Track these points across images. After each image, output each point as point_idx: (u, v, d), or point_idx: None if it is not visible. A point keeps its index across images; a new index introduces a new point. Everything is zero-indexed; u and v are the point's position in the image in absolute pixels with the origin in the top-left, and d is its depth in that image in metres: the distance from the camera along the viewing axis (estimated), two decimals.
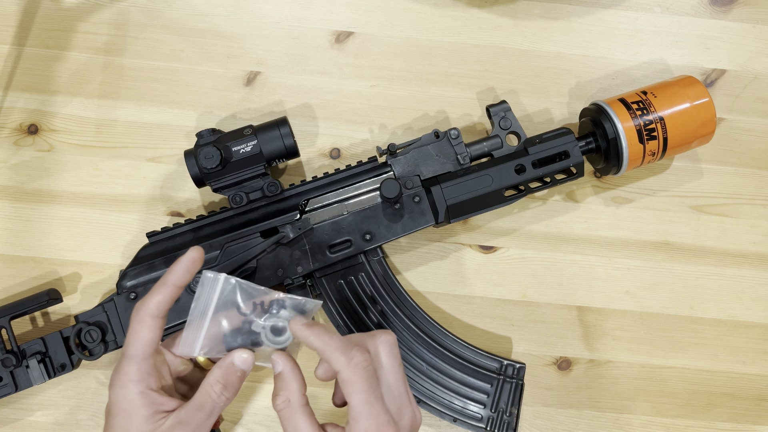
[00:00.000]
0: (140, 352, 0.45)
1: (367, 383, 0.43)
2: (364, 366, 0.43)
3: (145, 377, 0.45)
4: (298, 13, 0.68)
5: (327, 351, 0.44)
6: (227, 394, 0.45)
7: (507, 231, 0.66)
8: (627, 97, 0.60)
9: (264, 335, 0.46)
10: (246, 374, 0.46)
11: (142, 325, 0.45)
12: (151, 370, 0.45)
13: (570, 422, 0.64)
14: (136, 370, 0.44)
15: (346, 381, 0.43)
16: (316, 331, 0.44)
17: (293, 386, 0.45)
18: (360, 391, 0.42)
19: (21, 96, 0.66)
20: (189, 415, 0.44)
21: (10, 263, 0.64)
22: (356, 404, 0.42)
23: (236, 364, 0.45)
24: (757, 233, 0.67)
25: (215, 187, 0.58)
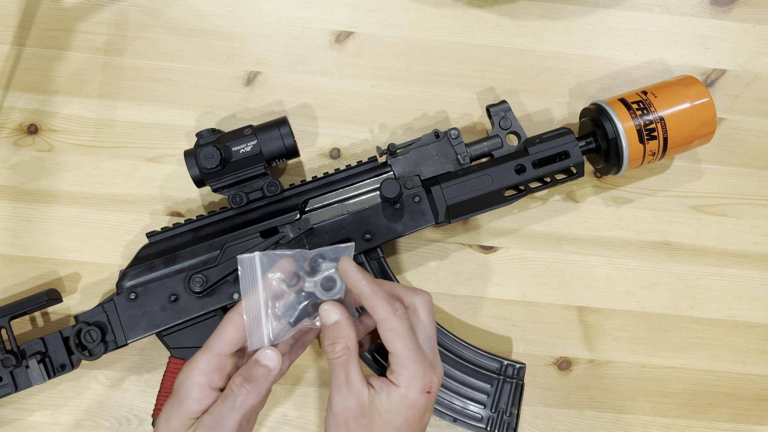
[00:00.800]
0: (216, 346, 0.46)
1: (411, 332, 0.46)
2: (404, 316, 0.46)
3: (212, 372, 0.45)
4: (298, 13, 0.68)
5: (374, 298, 0.45)
6: (248, 387, 0.45)
7: (507, 231, 0.66)
8: (627, 97, 0.60)
9: (318, 292, 0.46)
10: (272, 372, 0.46)
11: (230, 322, 0.46)
12: (220, 367, 0.46)
13: (570, 422, 0.64)
14: (206, 360, 0.45)
15: (391, 329, 0.45)
16: (367, 276, 0.46)
17: (351, 334, 0.46)
18: (405, 338, 0.45)
19: (21, 96, 0.66)
20: (215, 408, 0.45)
21: (10, 263, 0.64)
22: (402, 351, 0.45)
23: (259, 359, 0.46)
24: (757, 233, 0.66)
25: (215, 187, 0.58)
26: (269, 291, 0.46)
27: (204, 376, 0.45)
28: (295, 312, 0.46)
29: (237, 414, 0.44)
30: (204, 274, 0.56)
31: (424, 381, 0.45)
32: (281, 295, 0.46)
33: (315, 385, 0.63)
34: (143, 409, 0.63)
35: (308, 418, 0.63)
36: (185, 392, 0.45)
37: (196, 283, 0.56)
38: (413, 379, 0.45)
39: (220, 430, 0.44)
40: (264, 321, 0.46)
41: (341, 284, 0.47)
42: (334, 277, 0.47)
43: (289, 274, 0.47)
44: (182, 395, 0.45)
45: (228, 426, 0.44)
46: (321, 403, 0.63)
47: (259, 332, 0.46)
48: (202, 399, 0.45)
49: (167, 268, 0.57)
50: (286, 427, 0.63)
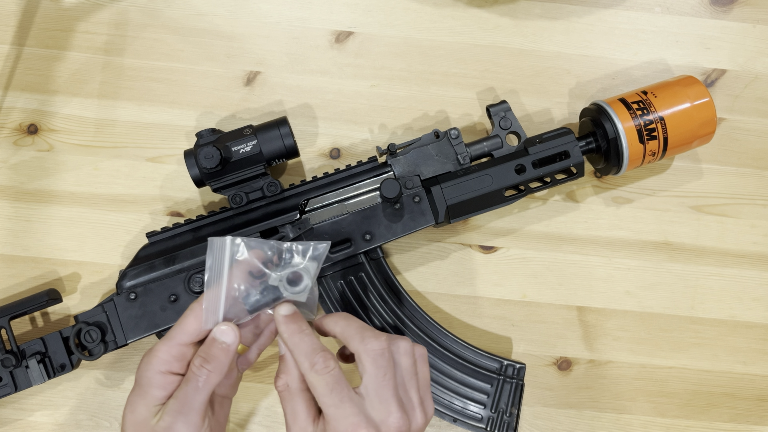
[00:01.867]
0: (176, 337, 0.46)
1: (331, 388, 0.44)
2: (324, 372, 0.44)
3: (172, 360, 0.45)
4: (298, 13, 0.68)
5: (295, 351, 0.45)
6: (208, 366, 0.45)
7: (507, 231, 0.66)
8: (627, 97, 0.60)
9: (282, 287, 0.46)
10: (230, 347, 0.45)
11: (191, 312, 0.46)
12: (181, 356, 0.46)
13: (570, 422, 0.64)
14: (166, 349, 0.45)
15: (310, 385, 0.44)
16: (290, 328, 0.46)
17: (294, 371, 0.46)
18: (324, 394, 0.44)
19: (21, 96, 0.66)
20: (179, 391, 0.45)
21: (10, 263, 0.64)
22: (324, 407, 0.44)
23: (215, 336, 0.45)
24: (757, 233, 0.66)
25: (215, 187, 0.58)
26: (234, 276, 0.46)
27: (165, 365, 0.45)
28: (255, 300, 0.46)
29: (202, 394, 0.44)
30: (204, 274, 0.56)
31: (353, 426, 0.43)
32: (245, 281, 0.46)
33: None
34: None
35: None
36: (148, 381, 0.45)
37: (196, 283, 0.56)
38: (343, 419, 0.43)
39: (186, 412, 0.44)
40: (222, 303, 0.46)
41: (307, 283, 0.46)
42: (302, 274, 0.46)
43: (257, 263, 0.46)
44: (145, 384, 0.45)
45: (194, 407, 0.44)
46: None
47: (216, 313, 0.46)
48: (166, 385, 0.45)
49: (167, 268, 0.57)
50: None
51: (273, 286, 0.46)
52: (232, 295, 0.46)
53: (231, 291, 0.46)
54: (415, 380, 0.46)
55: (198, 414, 0.44)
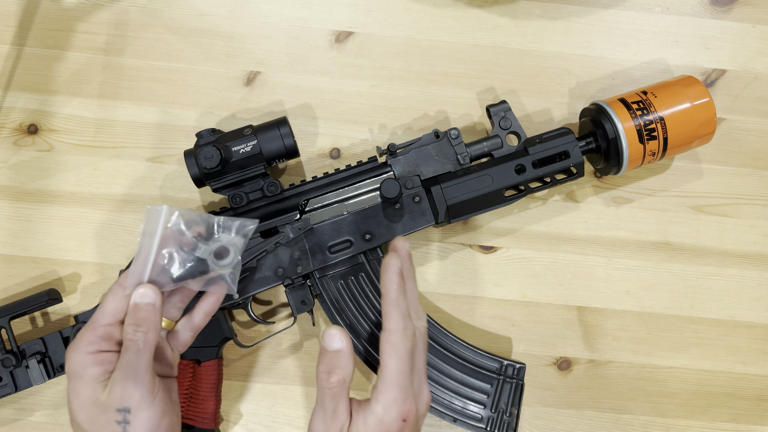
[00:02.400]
0: (99, 319, 0.46)
1: (409, 355, 0.45)
2: (410, 337, 0.46)
3: (98, 341, 0.45)
4: (298, 13, 0.68)
5: (393, 306, 0.46)
6: (142, 329, 0.45)
7: (507, 231, 0.66)
8: (627, 97, 0.60)
9: (210, 260, 0.47)
10: (155, 306, 0.45)
11: (110, 293, 0.46)
12: (106, 336, 0.45)
13: (570, 422, 0.64)
14: (91, 333, 0.45)
15: (393, 343, 0.45)
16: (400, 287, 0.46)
17: (350, 366, 0.46)
18: (401, 358, 0.45)
19: (21, 96, 0.66)
20: (120, 362, 0.44)
21: (10, 263, 0.64)
22: (392, 369, 0.45)
23: (135, 300, 0.45)
24: (757, 233, 0.66)
25: (215, 187, 0.58)
26: (163, 244, 0.46)
27: (92, 346, 0.45)
28: (182, 270, 0.47)
29: (144, 356, 0.44)
30: None
31: (403, 407, 0.45)
32: (174, 250, 0.47)
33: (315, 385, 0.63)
34: None
35: (308, 418, 0.63)
36: (80, 364, 0.44)
37: None
38: (393, 402, 0.45)
39: (134, 376, 0.44)
40: (149, 269, 0.46)
41: (234, 257, 0.47)
42: (229, 249, 0.47)
43: (188, 233, 0.47)
44: (79, 368, 0.45)
45: (141, 369, 0.44)
46: None
47: (141, 279, 0.46)
48: (100, 362, 0.45)
49: None
50: (286, 427, 0.63)
51: (200, 258, 0.47)
52: (159, 262, 0.46)
53: (159, 258, 0.46)
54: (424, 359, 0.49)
55: (147, 375, 0.44)
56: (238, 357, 0.63)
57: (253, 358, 0.64)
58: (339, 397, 0.45)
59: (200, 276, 0.47)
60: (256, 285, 0.57)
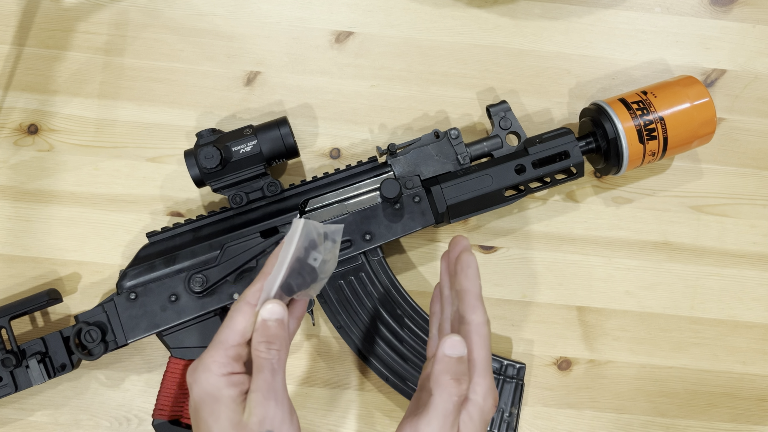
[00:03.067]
0: (229, 339, 0.44)
1: (489, 345, 0.46)
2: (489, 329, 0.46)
3: (230, 362, 0.44)
4: (298, 13, 0.68)
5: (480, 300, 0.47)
6: (275, 347, 0.43)
7: (507, 231, 0.66)
8: (627, 97, 0.60)
9: (319, 269, 0.46)
10: (283, 321, 0.44)
11: (238, 312, 0.44)
12: (237, 357, 0.44)
13: (570, 422, 0.64)
14: (222, 354, 0.44)
15: (482, 335, 0.45)
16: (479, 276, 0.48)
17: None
18: (488, 349, 0.46)
19: (21, 96, 0.66)
20: (256, 382, 0.43)
21: (10, 263, 0.64)
22: (484, 360, 0.45)
23: (264, 317, 0.44)
24: (757, 233, 0.66)
25: (215, 187, 0.58)
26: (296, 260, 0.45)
27: (225, 368, 0.43)
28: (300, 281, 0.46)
29: (279, 375, 0.43)
30: (204, 274, 0.56)
31: (495, 395, 0.45)
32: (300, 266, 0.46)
33: (315, 385, 0.63)
34: (143, 409, 0.63)
35: (308, 418, 0.63)
36: (215, 387, 0.43)
37: (196, 283, 0.56)
38: (489, 391, 0.45)
39: (274, 396, 0.42)
40: (277, 282, 0.45)
41: (334, 264, 0.47)
42: (330, 257, 0.47)
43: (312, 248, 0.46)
44: (214, 391, 0.43)
45: (279, 389, 0.43)
46: (321, 403, 0.63)
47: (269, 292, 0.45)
48: (236, 384, 0.43)
49: (167, 268, 0.57)
50: None
51: (312, 267, 0.46)
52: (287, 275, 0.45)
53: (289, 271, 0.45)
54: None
55: (284, 394, 0.43)
56: None
57: None
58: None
59: (311, 285, 0.46)
60: None
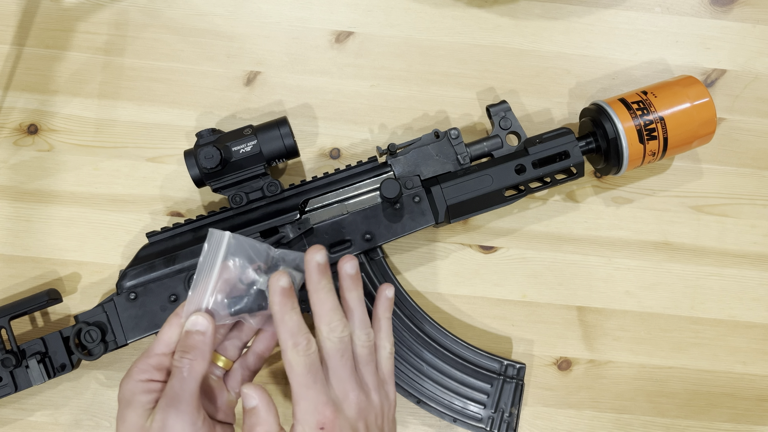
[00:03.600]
0: (154, 348, 0.47)
1: (308, 369, 0.45)
2: (305, 354, 0.45)
3: (151, 370, 0.46)
4: (298, 13, 0.68)
5: (280, 326, 0.46)
6: (189, 356, 0.45)
7: (507, 231, 0.66)
8: (627, 97, 0.60)
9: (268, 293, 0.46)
10: (206, 335, 0.46)
11: (167, 323, 0.48)
12: (159, 366, 0.46)
13: (570, 422, 0.64)
14: (144, 362, 0.46)
15: (287, 361, 0.45)
16: (284, 304, 0.46)
17: (270, 420, 0.46)
18: (300, 374, 0.45)
19: (21, 96, 0.66)
20: (166, 389, 0.45)
21: (10, 263, 0.64)
22: (294, 386, 0.46)
23: (187, 328, 0.46)
24: (757, 233, 0.66)
25: (215, 187, 0.58)
26: (224, 273, 0.46)
27: (145, 374, 0.46)
28: (239, 303, 0.46)
29: (189, 384, 0.44)
30: None
31: (316, 417, 0.45)
32: (232, 282, 0.46)
33: None
34: None
35: None
36: (131, 392, 0.46)
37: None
38: (304, 415, 0.45)
39: (177, 404, 0.44)
40: (206, 298, 0.46)
41: None
42: (295, 280, 0.47)
43: (248, 266, 0.47)
44: (128, 395, 0.46)
45: (184, 398, 0.44)
46: None
47: (197, 306, 0.46)
48: (150, 391, 0.46)
49: (167, 268, 0.57)
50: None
51: (260, 290, 0.46)
52: (217, 293, 0.46)
53: (217, 289, 0.46)
54: (372, 366, 0.49)
55: (189, 405, 0.44)
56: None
57: None
58: None
59: (258, 311, 0.46)
60: None
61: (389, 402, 0.51)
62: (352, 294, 0.50)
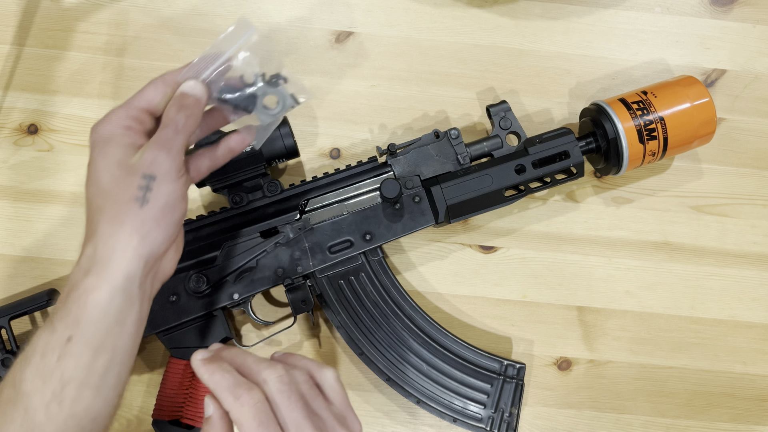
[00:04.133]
0: (134, 101, 0.45)
1: (255, 421, 0.40)
2: (251, 404, 0.41)
3: (131, 120, 0.44)
4: (298, 13, 0.68)
5: (218, 391, 0.42)
6: (184, 112, 0.44)
7: (507, 231, 0.66)
8: (627, 97, 0.60)
9: (259, 101, 0.46)
10: (200, 102, 0.45)
11: (150, 84, 0.46)
12: (139, 120, 0.45)
13: (570, 422, 0.64)
14: (124, 111, 0.44)
15: (236, 421, 0.41)
16: (210, 368, 0.42)
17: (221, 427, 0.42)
18: (249, 428, 0.40)
19: (21, 96, 0.66)
20: (158, 135, 0.43)
21: (10, 263, 0.64)
22: None
23: (184, 90, 0.45)
24: (757, 233, 0.66)
25: (215, 187, 0.58)
26: (232, 60, 0.46)
27: (126, 121, 0.44)
28: (231, 92, 0.46)
29: (181, 137, 0.43)
30: (204, 274, 0.56)
31: None
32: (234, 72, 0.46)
33: None
34: (143, 409, 0.63)
35: None
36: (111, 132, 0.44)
37: (196, 283, 0.56)
38: None
39: (169, 149, 0.43)
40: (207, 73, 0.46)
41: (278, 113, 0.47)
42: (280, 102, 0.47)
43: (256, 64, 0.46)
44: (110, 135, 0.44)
45: (175, 146, 0.43)
46: None
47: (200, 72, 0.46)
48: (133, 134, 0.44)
49: None
50: None
51: (252, 94, 0.46)
52: (217, 73, 0.46)
53: (220, 70, 0.46)
54: (320, 400, 0.44)
55: (179, 153, 0.43)
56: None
57: None
58: None
59: (241, 110, 0.46)
60: (256, 285, 0.57)
61: None
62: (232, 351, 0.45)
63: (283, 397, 0.42)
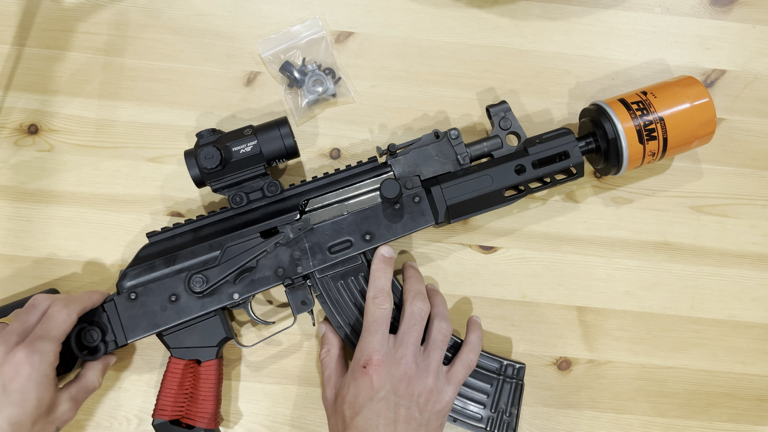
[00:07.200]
0: None
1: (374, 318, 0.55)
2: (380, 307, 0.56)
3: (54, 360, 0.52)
4: (298, 13, 0.68)
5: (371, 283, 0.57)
6: None
7: (507, 231, 0.66)
8: (627, 97, 0.60)
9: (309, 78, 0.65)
10: None
11: None
12: None
13: (570, 422, 0.64)
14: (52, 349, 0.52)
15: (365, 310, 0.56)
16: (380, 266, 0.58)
17: (335, 342, 0.59)
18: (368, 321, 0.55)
19: (21, 96, 0.66)
20: None
21: (10, 263, 0.64)
22: (362, 331, 0.55)
23: None
24: (757, 233, 0.67)
25: (215, 187, 0.58)
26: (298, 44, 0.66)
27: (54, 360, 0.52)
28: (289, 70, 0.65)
29: None
30: (204, 274, 0.56)
31: (365, 356, 0.53)
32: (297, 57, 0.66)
33: (315, 385, 0.63)
34: (143, 409, 0.63)
35: (308, 418, 0.63)
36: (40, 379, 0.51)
37: (196, 283, 0.56)
38: (358, 352, 0.54)
39: None
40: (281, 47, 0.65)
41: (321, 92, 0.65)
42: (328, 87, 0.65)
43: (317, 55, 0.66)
44: None
45: None
46: (321, 403, 0.63)
47: None
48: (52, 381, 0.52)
49: (167, 268, 0.57)
50: (286, 427, 0.63)
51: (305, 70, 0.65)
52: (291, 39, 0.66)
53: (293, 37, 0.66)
54: (439, 353, 0.55)
55: None
56: (238, 357, 0.63)
57: (253, 358, 0.64)
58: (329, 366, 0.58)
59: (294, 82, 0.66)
60: (257, 285, 0.57)
61: (441, 397, 0.54)
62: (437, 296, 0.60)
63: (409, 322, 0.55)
